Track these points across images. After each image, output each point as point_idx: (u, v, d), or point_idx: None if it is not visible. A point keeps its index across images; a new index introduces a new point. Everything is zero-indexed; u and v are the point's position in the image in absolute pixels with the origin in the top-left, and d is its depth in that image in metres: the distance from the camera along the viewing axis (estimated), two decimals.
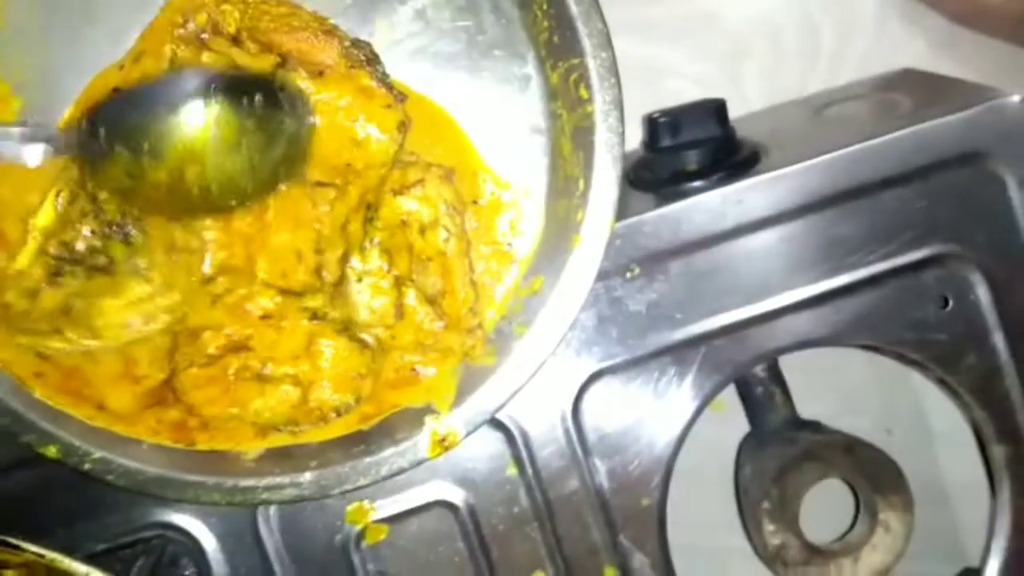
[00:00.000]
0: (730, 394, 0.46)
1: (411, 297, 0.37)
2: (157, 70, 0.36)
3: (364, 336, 0.37)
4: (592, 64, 0.37)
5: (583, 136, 0.37)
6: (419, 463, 0.37)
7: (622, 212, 0.40)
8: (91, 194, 0.35)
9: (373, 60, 0.37)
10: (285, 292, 0.37)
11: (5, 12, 0.37)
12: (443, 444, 0.37)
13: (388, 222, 0.36)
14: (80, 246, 0.35)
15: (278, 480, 0.37)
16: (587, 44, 0.36)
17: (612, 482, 0.41)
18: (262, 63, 0.35)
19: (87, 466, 0.36)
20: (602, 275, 0.41)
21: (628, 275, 0.41)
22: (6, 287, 0.35)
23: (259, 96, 0.35)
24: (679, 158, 0.43)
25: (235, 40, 0.36)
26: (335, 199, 0.37)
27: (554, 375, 0.41)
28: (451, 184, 0.38)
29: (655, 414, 0.41)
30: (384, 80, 0.37)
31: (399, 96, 0.37)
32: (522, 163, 0.39)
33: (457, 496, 0.41)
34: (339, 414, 0.37)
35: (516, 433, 0.41)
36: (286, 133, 0.35)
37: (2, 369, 0.36)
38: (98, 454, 0.36)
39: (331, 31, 0.37)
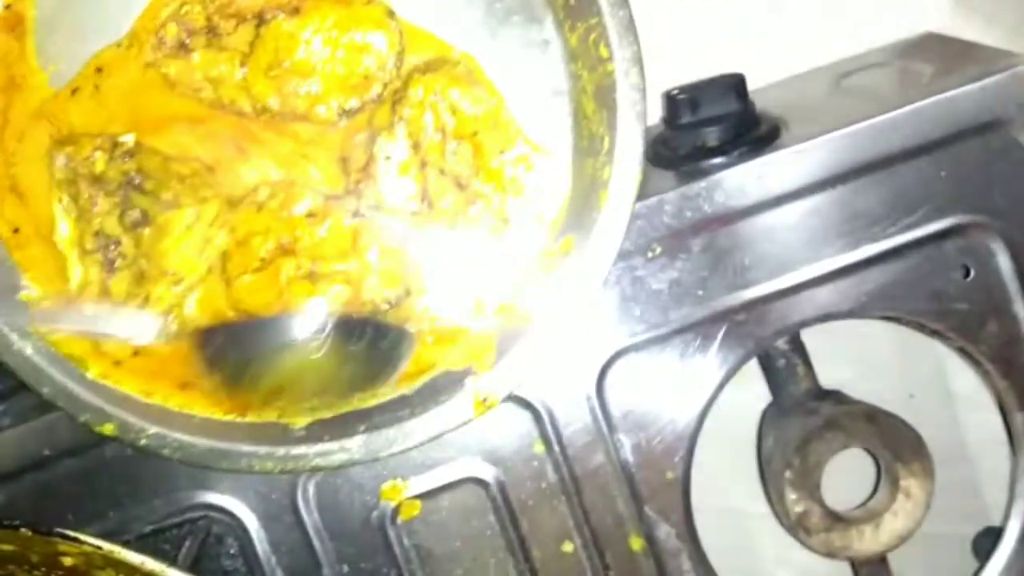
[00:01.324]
0: (751, 363, 0.47)
1: (438, 181, 0.37)
2: (154, 59, 0.36)
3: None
4: (610, 23, 0.36)
5: (605, 94, 0.37)
6: (463, 424, 0.37)
7: (642, 191, 0.40)
8: (88, 177, 0.35)
9: None
10: (336, 194, 0.37)
11: (37, 3, 0.37)
12: (485, 404, 0.37)
13: (418, 100, 0.37)
14: (109, 225, 0.36)
15: (328, 446, 0.37)
16: (604, 4, 0.36)
17: (637, 457, 0.42)
18: (242, 35, 0.36)
19: (143, 442, 0.36)
20: (623, 255, 0.41)
21: (649, 254, 0.41)
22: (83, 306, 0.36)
23: (368, 334, 0.36)
24: (699, 134, 0.43)
25: (210, 30, 0.36)
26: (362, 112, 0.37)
27: (578, 354, 0.41)
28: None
29: (678, 390, 0.41)
30: None
31: None
32: (545, 125, 0.39)
33: (487, 473, 0.42)
34: (391, 305, 0.37)
35: (542, 411, 0.41)
36: (385, 363, 0.37)
37: (58, 351, 0.36)
38: (153, 430, 0.36)
39: None
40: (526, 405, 0.41)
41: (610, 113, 0.37)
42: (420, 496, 0.42)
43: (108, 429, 0.36)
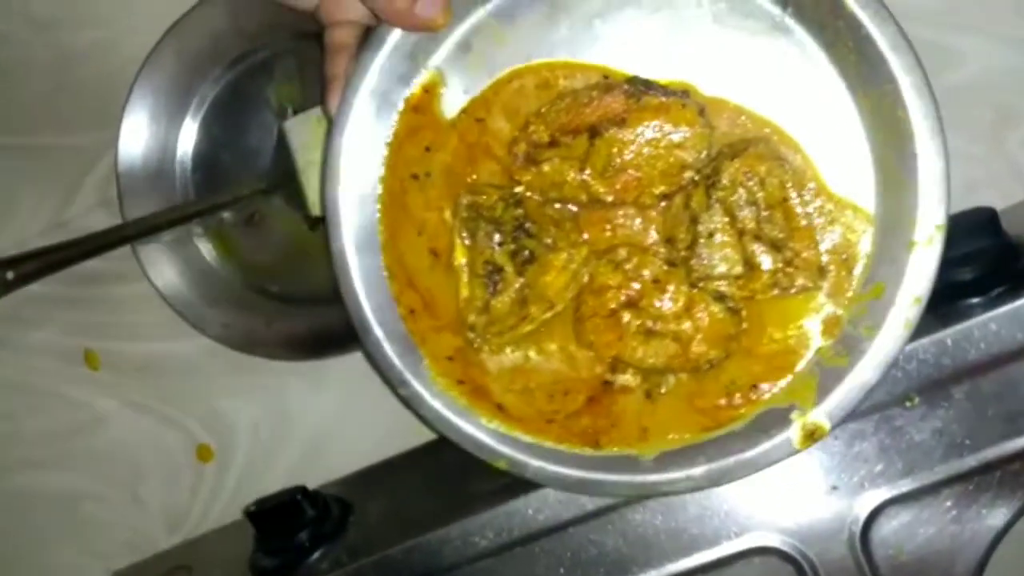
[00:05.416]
0: None
1: (756, 248, 0.40)
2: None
3: (731, 304, 0.41)
4: (904, 87, 0.38)
5: (905, 150, 0.38)
6: (792, 454, 0.39)
7: None
8: (489, 219, 0.42)
9: (649, 84, 0.41)
10: (671, 264, 0.42)
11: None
12: (812, 437, 0.39)
13: (730, 181, 0.40)
14: (497, 257, 0.42)
15: (676, 475, 0.40)
16: (897, 70, 0.38)
17: None
18: (579, 144, 0.41)
19: (529, 474, 0.42)
20: (880, 406, 0.40)
21: (908, 404, 0.40)
22: (466, 315, 0.43)
23: None
24: (949, 273, 0.41)
25: (552, 143, 0.42)
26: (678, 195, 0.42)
27: (840, 507, 0.40)
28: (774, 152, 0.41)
29: (952, 541, 0.40)
30: (667, 92, 0.41)
31: (683, 94, 0.41)
32: (847, 182, 0.40)
33: None
34: (711, 366, 0.41)
35: (805, 565, 0.41)
36: None
37: (460, 405, 0.43)
38: (536, 464, 0.42)
39: (607, 86, 0.41)
40: (788, 559, 0.41)
41: (910, 166, 0.38)
42: None
43: (501, 464, 0.42)
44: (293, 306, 0.59)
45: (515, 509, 0.43)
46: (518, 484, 0.43)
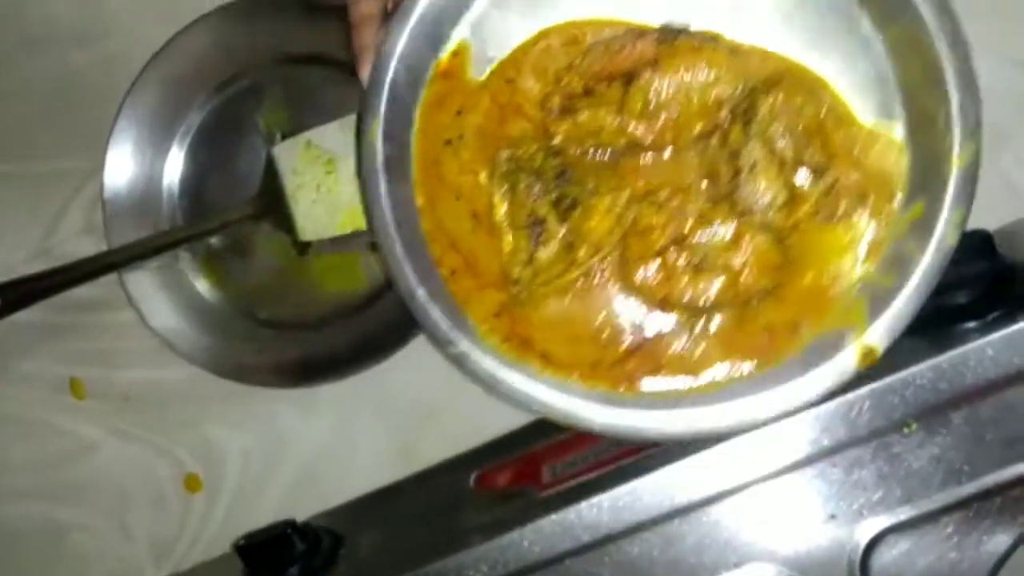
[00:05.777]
0: None
1: (798, 176, 0.41)
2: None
3: (777, 233, 0.41)
4: (927, 14, 0.39)
5: (934, 75, 0.39)
6: (849, 378, 0.39)
7: (892, 363, 0.38)
8: (529, 170, 0.42)
9: (679, 29, 0.41)
10: (715, 200, 0.42)
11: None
12: (868, 357, 0.39)
13: (767, 113, 0.41)
14: (539, 207, 0.42)
15: (737, 403, 0.40)
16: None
17: None
18: (614, 91, 0.42)
19: (586, 425, 0.41)
20: (877, 432, 0.39)
21: (905, 431, 0.39)
22: (510, 269, 0.42)
23: None
24: (944, 297, 0.40)
25: (586, 92, 0.42)
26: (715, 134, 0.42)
27: (839, 536, 0.40)
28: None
29: (951, 570, 0.39)
30: (693, 35, 0.41)
31: (710, 38, 0.41)
32: (878, 108, 0.41)
33: None
34: (760, 299, 0.41)
35: None
36: None
37: (505, 360, 0.42)
38: (592, 410, 0.41)
39: (640, 33, 0.42)
40: None
41: (939, 90, 0.39)
42: None
43: (557, 416, 0.41)
44: (283, 332, 0.58)
45: (510, 541, 0.42)
46: (513, 516, 0.43)
